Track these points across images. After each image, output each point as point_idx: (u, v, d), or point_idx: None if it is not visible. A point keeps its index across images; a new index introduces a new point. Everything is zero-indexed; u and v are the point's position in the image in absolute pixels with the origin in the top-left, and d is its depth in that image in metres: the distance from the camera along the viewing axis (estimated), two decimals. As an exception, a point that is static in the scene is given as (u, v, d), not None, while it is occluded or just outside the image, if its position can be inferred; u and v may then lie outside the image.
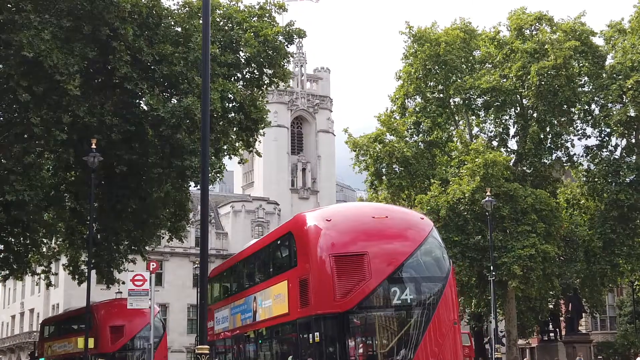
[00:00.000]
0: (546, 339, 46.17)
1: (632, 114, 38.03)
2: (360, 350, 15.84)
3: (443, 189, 37.03)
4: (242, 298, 21.14)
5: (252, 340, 20.60)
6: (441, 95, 41.06)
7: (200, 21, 23.78)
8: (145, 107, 24.83)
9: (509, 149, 41.29)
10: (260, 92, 29.18)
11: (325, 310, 15.50)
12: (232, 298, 22.68)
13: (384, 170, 40.11)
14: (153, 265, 33.19)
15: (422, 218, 18.28)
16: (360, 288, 15.38)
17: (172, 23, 25.92)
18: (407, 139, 41.33)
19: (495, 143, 41.47)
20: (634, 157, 39.76)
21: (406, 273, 15.91)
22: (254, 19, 28.06)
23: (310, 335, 15.86)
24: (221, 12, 27.88)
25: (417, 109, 41.26)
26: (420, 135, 41.68)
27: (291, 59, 30.19)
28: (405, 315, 15.61)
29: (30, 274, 33.47)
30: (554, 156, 40.69)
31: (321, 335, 15.56)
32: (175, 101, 24.65)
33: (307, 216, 17.78)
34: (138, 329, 31.59)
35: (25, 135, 24.53)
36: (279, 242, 19.35)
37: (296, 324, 16.73)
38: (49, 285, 35.84)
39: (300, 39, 29.98)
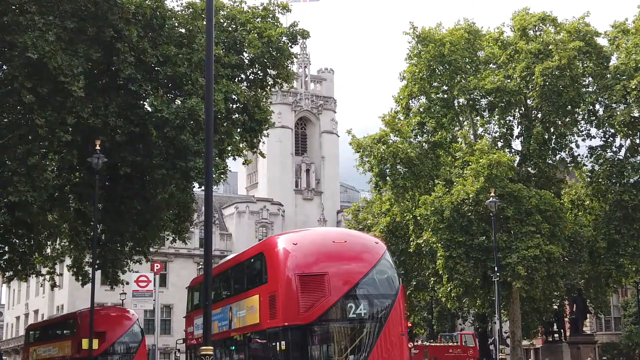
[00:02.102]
0: (550, 339, 46.05)
1: (636, 115, 37.89)
2: (321, 357, 17.75)
3: (447, 189, 36.97)
4: (219, 307, 22.68)
5: (227, 345, 22.53)
6: (445, 95, 40.96)
7: (204, 22, 23.76)
8: (149, 108, 24.84)
9: (513, 150, 41.20)
10: (264, 93, 29.18)
11: (291, 322, 17.54)
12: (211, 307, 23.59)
13: (388, 171, 40.04)
14: (157, 266, 33.25)
15: (377, 242, 20.31)
16: (321, 303, 17.47)
17: (176, 24, 25.94)
18: (411, 139, 41.22)
19: (499, 144, 41.37)
20: (638, 157, 39.66)
21: (361, 290, 17.96)
22: (258, 19, 28.08)
23: (278, 343, 17.89)
24: (225, 13, 27.91)
25: (421, 109, 41.14)
26: (425, 135, 41.55)
27: (295, 59, 30.15)
28: (360, 326, 17.66)
29: (34, 275, 33.54)
30: (558, 157, 40.55)
31: (287, 344, 17.57)
32: (179, 102, 24.61)
33: (278, 239, 19.96)
34: (119, 335, 33.80)
35: (30, 137, 24.54)
36: (252, 260, 21.42)
37: (266, 333, 18.70)
38: (53, 286, 35.94)
39: (304, 40, 30.00)
